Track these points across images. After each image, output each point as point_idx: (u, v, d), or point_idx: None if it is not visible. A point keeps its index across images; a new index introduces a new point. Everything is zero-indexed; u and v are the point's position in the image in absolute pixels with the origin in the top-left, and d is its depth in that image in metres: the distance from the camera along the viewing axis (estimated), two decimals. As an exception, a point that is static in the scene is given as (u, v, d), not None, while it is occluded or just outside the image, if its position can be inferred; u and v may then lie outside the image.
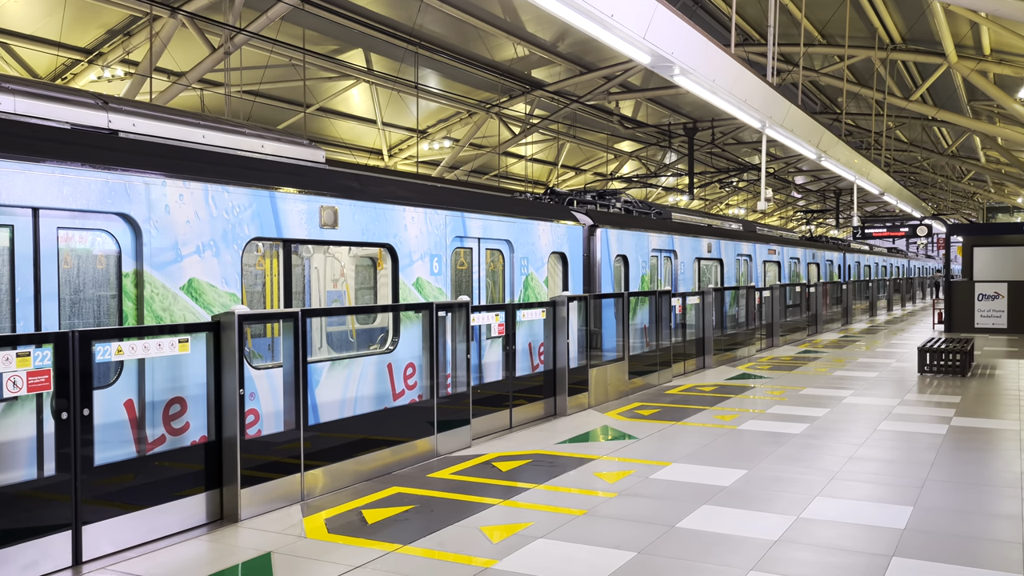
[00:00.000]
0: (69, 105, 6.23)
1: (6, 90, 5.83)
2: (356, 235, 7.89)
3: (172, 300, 6.16)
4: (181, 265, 6.23)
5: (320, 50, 19.20)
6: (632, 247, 13.49)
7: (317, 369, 7.17)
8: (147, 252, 5.99)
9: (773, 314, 18.47)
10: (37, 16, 15.95)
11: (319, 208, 7.43)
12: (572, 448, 8.06)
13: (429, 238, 8.84)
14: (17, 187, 5.24)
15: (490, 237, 9.95)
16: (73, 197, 5.53)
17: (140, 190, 5.93)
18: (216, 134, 7.20)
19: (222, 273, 6.52)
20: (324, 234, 7.51)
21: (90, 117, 6.32)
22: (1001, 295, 21.57)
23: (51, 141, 5.55)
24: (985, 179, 41.16)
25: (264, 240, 6.97)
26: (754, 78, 10.66)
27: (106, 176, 5.71)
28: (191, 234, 6.28)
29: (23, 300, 5.34)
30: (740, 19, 19.67)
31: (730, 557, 5.05)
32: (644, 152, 35.23)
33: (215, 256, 6.47)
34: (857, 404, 10.54)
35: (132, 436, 5.74)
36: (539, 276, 10.93)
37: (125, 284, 5.92)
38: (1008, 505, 6.14)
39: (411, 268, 8.60)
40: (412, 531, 5.53)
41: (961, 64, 18.95)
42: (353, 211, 7.83)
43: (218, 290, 6.51)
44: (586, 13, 6.90)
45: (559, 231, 11.35)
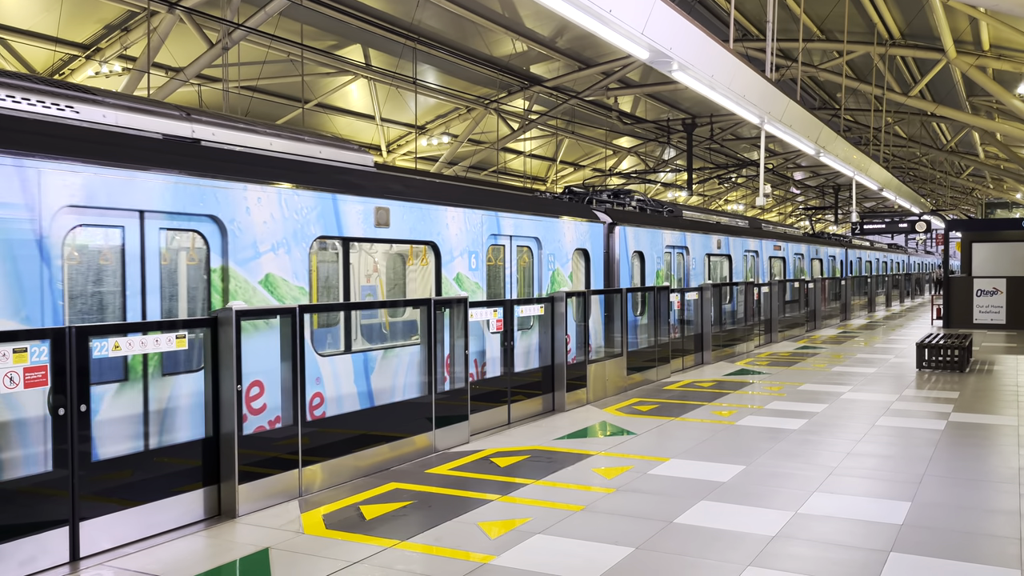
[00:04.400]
0: (157, 116, 6.84)
1: (104, 104, 6.43)
2: (405, 233, 8.49)
3: (252, 293, 6.73)
4: (259, 261, 6.81)
5: (318, 45, 19.16)
6: (648, 244, 14.10)
7: (372, 357, 7.67)
8: (231, 250, 6.56)
9: (771, 310, 18.48)
10: (34, 11, 15.91)
11: (374, 209, 8.03)
12: (570, 444, 8.06)
13: (468, 236, 9.42)
14: (127, 193, 5.80)
15: (521, 235, 10.53)
16: (171, 201, 6.10)
17: (225, 194, 6.50)
18: (281, 141, 7.88)
19: (293, 268, 7.11)
20: (378, 232, 8.14)
21: (177, 128, 6.95)
22: (1000, 291, 21.58)
23: (151, 151, 6.11)
24: (984, 175, 41.15)
25: (328, 238, 7.55)
26: (753, 74, 10.64)
27: (198, 182, 6.29)
28: (267, 233, 6.87)
29: (132, 293, 5.93)
30: (739, 14, 19.65)
31: (728, 553, 5.06)
32: (643, 148, 35.20)
33: (287, 253, 7.06)
34: (855, 400, 10.55)
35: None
36: (564, 271, 11.49)
37: (213, 279, 6.49)
38: (1005, 501, 6.15)
39: (452, 264, 9.17)
40: (410, 527, 5.53)
41: (960, 60, 18.93)
42: (403, 211, 8.43)
43: (289, 284, 7.08)
44: (585, 8, 6.88)
45: (582, 229, 11.97)
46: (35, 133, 5.40)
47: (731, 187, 44.13)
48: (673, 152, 35.70)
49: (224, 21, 15.49)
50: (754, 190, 43.50)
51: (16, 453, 4.98)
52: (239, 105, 20.92)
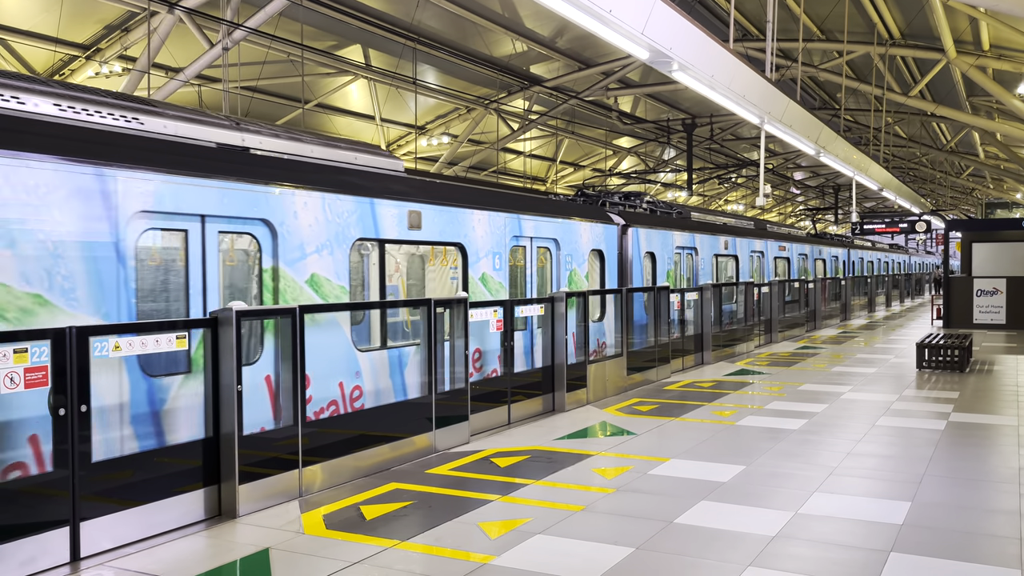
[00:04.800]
0: (211, 127, 7.31)
1: (165, 115, 6.91)
2: (435, 235, 8.97)
3: (299, 292, 7.18)
4: (305, 262, 7.26)
5: (318, 46, 19.16)
6: (659, 245, 14.54)
7: (406, 352, 8.10)
8: (281, 251, 7.02)
9: (772, 310, 18.48)
10: (35, 12, 15.91)
11: (407, 212, 8.49)
12: (570, 444, 8.06)
13: (492, 237, 9.90)
14: (190, 199, 6.26)
15: (541, 236, 11.00)
16: (228, 206, 6.56)
17: (275, 199, 6.97)
18: (320, 148, 8.33)
19: (335, 268, 7.56)
20: (410, 234, 8.61)
21: (228, 137, 7.42)
22: (1000, 291, 21.58)
23: (209, 159, 6.56)
24: (984, 175, 41.15)
25: (366, 240, 8.04)
26: (753, 74, 10.65)
27: (252, 188, 6.75)
28: (312, 235, 7.32)
29: (195, 292, 6.40)
30: (739, 14, 19.65)
31: (728, 553, 5.06)
32: (643, 148, 35.20)
33: (330, 254, 7.52)
34: (855, 400, 10.55)
35: None
36: (581, 271, 11.93)
37: (265, 278, 6.95)
38: (1005, 500, 6.15)
39: (478, 264, 9.66)
40: (410, 527, 5.53)
41: (960, 60, 18.93)
42: (433, 214, 8.91)
43: (332, 283, 7.52)
44: (585, 8, 6.88)
45: (597, 230, 12.41)
46: (111, 144, 5.85)
47: (731, 187, 44.13)
48: (673, 152, 35.71)
49: (224, 21, 15.50)
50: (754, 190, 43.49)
51: (19, 453, 4.99)
52: (239, 105, 20.91)
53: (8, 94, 5.91)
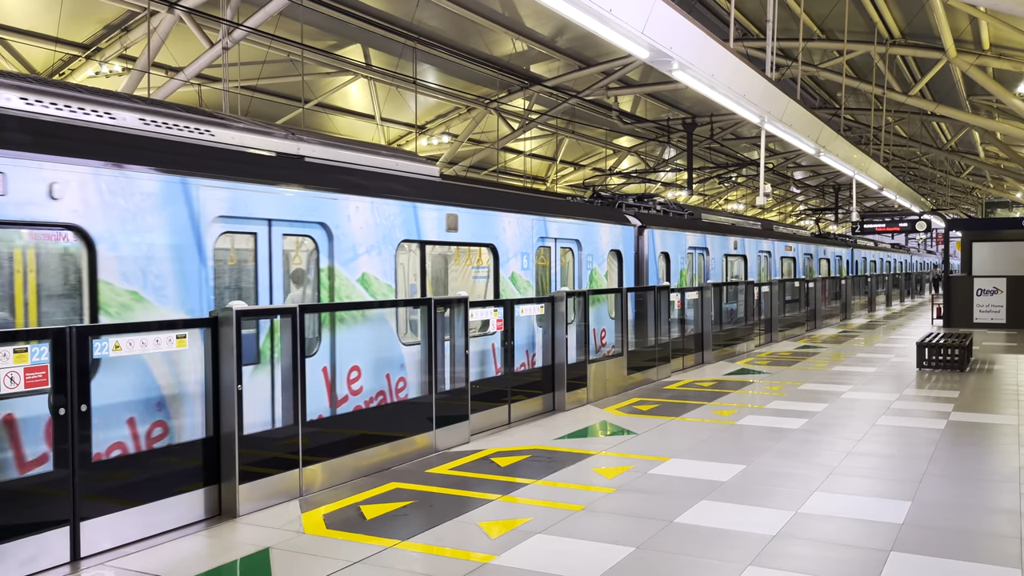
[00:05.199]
0: (270, 137, 7.87)
1: (230, 127, 7.49)
2: (470, 237, 9.54)
3: (352, 290, 7.72)
4: (357, 262, 7.83)
5: (318, 45, 19.15)
6: (673, 245, 15.17)
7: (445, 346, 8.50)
8: (336, 252, 7.60)
9: (772, 309, 18.48)
10: (34, 11, 15.91)
11: (446, 215, 9.07)
12: (571, 443, 8.06)
13: (520, 239, 10.48)
14: (259, 204, 6.84)
15: (564, 237, 11.59)
16: (291, 210, 7.13)
17: (331, 204, 7.52)
18: (365, 155, 8.86)
19: (383, 268, 8.13)
20: (448, 236, 9.19)
21: (285, 146, 7.99)
22: (1000, 290, 21.57)
23: (273, 168, 7.16)
24: (984, 174, 41.14)
25: (409, 242, 8.61)
26: (753, 73, 10.64)
27: (310, 194, 7.32)
28: (363, 237, 7.89)
29: (263, 289, 6.98)
30: (739, 14, 19.64)
31: (728, 552, 5.06)
32: (643, 147, 35.18)
33: (378, 255, 8.08)
34: (856, 399, 10.55)
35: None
36: (600, 271, 12.52)
37: (322, 277, 7.52)
38: (1006, 500, 6.14)
39: (508, 264, 10.21)
40: (410, 527, 5.53)
41: (960, 59, 18.93)
42: (468, 217, 9.49)
43: (380, 281, 8.07)
44: (585, 8, 6.88)
45: (616, 231, 13.03)
46: (194, 156, 6.47)
47: (731, 187, 44.12)
48: (673, 151, 35.70)
49: (224, 21, 15.49)
50: (754, 190, 43.48)
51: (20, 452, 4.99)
52: (239, 105, 20.91)
53: (101, 110, 6.54)
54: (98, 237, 5.65)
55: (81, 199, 5.57)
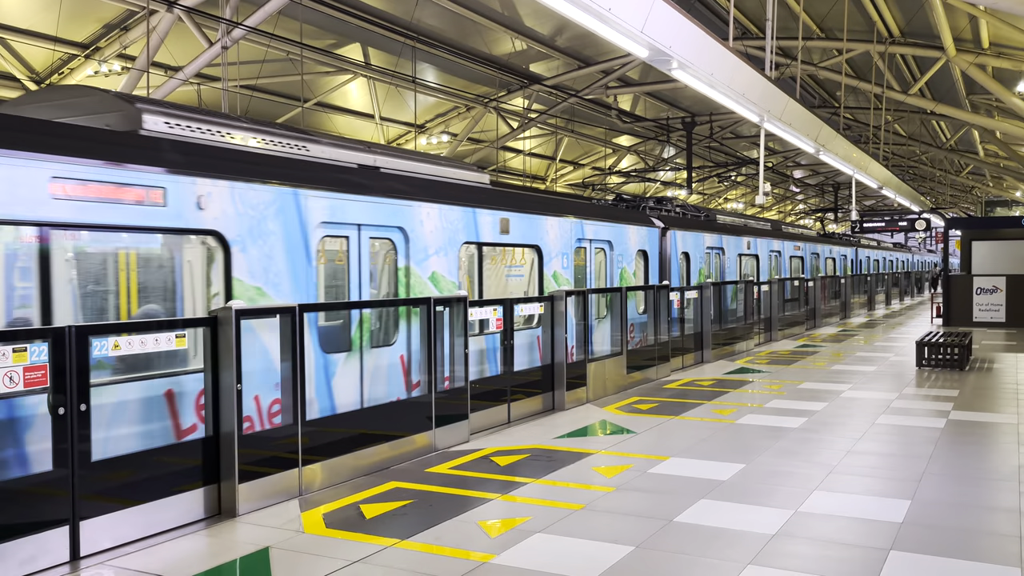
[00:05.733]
0: (351, 151, 8.68)
1: (320, 142, 8.35)
2: (519, 239, 10.46)
3: (424, 286, 8.63)
4: (428, 262, 8.73)
5: (317, 44, 19.14)
6: (692, 245, 16.09)
7: (493, 338, 9.40)
8: (411, 253, 8.51)
9: (771, 308, 18.48)
10: (34, 11, 15.89)
11: (499, 219, 9.98)
12: (570, 443, 8.06)
13: (561, 240, 11.36)
14: (350, 211, 7.72)
15: (598, 239, 12.50)
16: (376, 216, 8.03)
17: (407, 211, 8.43)
18: (427, 165, 9.76)
19: (448, 267, 9.04)
20: (501, 238, 10.08)
21: (364, 159, 8.82)
22: (999, 289, 21.57)
23: (360, 179, 8.06)
24: (983, 173, 41.15)
25: (469, 243, 9.51)
26: (752, 72, 10.64)
27: (391, 201, 8.23)
28: (433, 240, 8.81)
29: (353, 286, 7.88)
30: (738, 13, 19.63)
31: (728, 551, 5.06)
32: (642, 146, 35.17)
33: (445, 255, 9.00)
34: (855, 398, 10.55)
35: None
36: (629, 269, 13.45)
37: (400, 275, 8.45)
38: (1005, 498, 6.15)
39: (551, 263, 11.10)
40: (410, 526, 5.53)
41: (960, 58, 18.92)
42: (517, 221, 10.38)
43: (446, 279, 8.99)
44: (584, 7, 6.88)
45: (642, 233, 13.99)
46: (302, 170, 7.42)
47: (730, 185, 44.11)
48: (673, 150, 35.69)
49: (223, 20, 15.48)
50: (753, 188, 43.47)
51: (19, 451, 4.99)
52: (238, 104, 20.90)
53: (224, 131, 7.40)
54: (232, 241, 6.58)
55: (220, 209, 6.46)
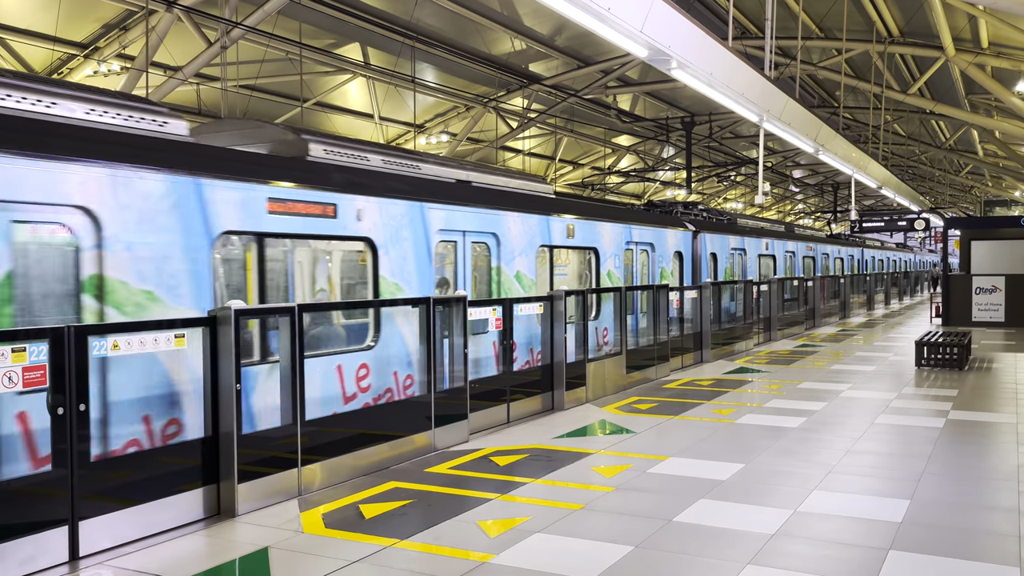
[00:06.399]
0: (447, 167, 10.11)
1: (427, 160, 9.75)
2: (582, 242, 11.99)
3: (511, 284, 10.21)
4: (514, 262, 10.33)
5: (316, 44, 19.14)
6: (719, 246, 17.62)
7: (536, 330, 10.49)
8: (502, 255, 10.10)
9: (771, 308, 18.49)
10: (33, 10, 15.89)
11: (567, 225, 11.58)
12: (570, 442, 8.06)
13: (613, 243, 12.95)
14: (459, 220, 9.32)
15: (643, 241, 14.09)
16: (476, 224, 9.65)
17: (499, 218, 10.06)
18: (504, 178, 11.28)
19: (529, 266, 10.65)
20: (568, 241, 11.65)
21: (459, 174, 10.22)
22: (999, 288, 21.58)
23: (464, 192, 9.65)
24: (983, 173, 41.16)
25: (544, 246, 11.04)
26: (752, 72, 10.64)
27: (487, 211, 9.83)
28: (517, 243, 10.40)
29: (459, 282, 9.46)
30: (737, 12, 19.64)
31: (727, 551, 5.06)
32: (642, 146, 35.17)
33: (526, 256, 10.59)
34: (855, 398, 10.56)
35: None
36: (668, 268, 15.09)
37: (493, 274, 10.02)
38: (1005, 498, 6.15)
39: (605, 263, 12.72)
40: (409, 526, 5.53)
41: (959, 57, 18.92)
42: (580, 226, 11.95)
43: (527, 277, 10.57)
44: (583, 6, 6.88)
45: (678, 235, 15.67)
46: (424, 185, 8.99)
47: (730, 185, 44.11)
48: (672, 150, 35.69)
49: (222, 20, 15.48)
50: (753, 188, 43.44)
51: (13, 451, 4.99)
52: (238, 104, 20.90)
53: (360, 155, 8.66)
54: (380, 246, 8.06)
55: (372, 220, 7.97)
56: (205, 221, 6.34)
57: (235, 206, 6.55)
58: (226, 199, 6.49)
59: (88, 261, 5.60)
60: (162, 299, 6.02)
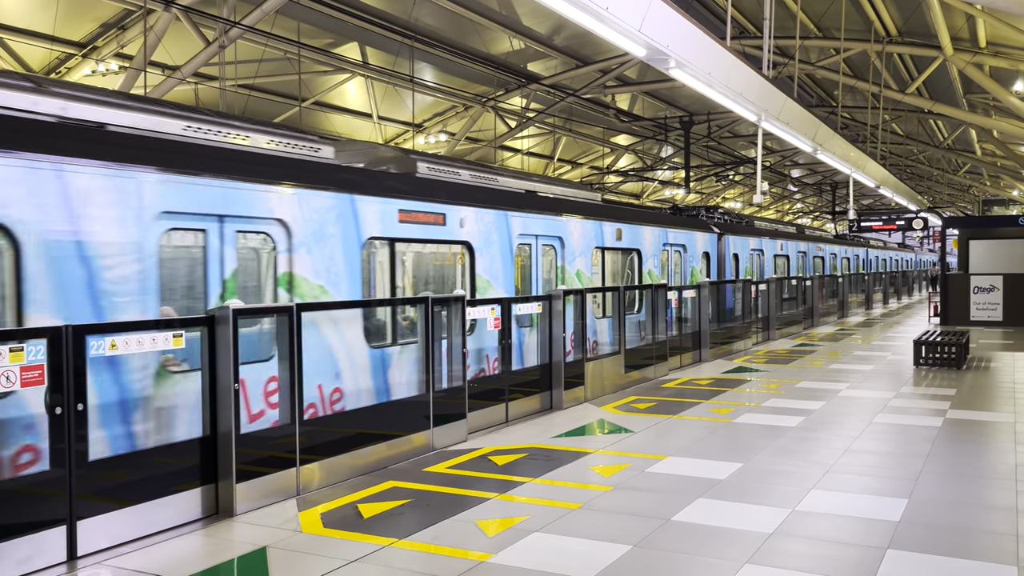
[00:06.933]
0: (517, 179, 11.79)
1: (502, 174, 11.41)
2: (627, 244, 13.52)
3: (572, 280, 11.65)
4: (575, 262, 11.82)
5: (315, 43, 19.12)
6: (740, 247, 19.15)
7: (596, 322, 12.06)
8: (565, 255, 11.62)
9: (769, 307, 18.50)
10: (31, 10, 15.86)
11: (616, 229, 13.07)
12: (568, 442, 8.06)
13: (653, 244, 14.54)
14: (533, 225, 10.89)
15: (676, 243, 15.67)
16: (547, 228, 11.20)
17: (564, 224, 11.59)
18: (562, 188, 12.92)
19: (586, 266, 12.10)
20: (616, 244, 13.09)
21: (527, 184, 11.93)
22: (996, 288, 21.60)
23: (534, 201, 11.20)
24: (981, 172, 41.17)
25: (599, 248, 12.56)
26: (750, 71, 10.64)
27: (554, 217, 11.38)
28: (577, 245, 11.91)
29: (534, 279, 11.08)
30: (736, 12, 19.63)
31: (726, 550, 5.06)
32: (640, 146, 35.16)
33: (584, 257, 12.05)
34: (853, 397, 10.56)
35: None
36: (699, 268, 16.76)
37: (557, 272, 11.52)
38: (1002, 497, 6.16)
39: (647, 263, 14.23)
40: (408, 525, 5.53)
41: (957, 57, 18.93)
42: (627, 230, 13.49)
43: (586, 276, 12.10)
44: (581, 6, 6.87)
45: (706, 238, 17.31)
46: (509, 197, 10.63)
47: (728, 184, 44.13)
48: (671, 149, 35.68)
49: (221, 19, 15.47)
50: (751, 188, 43.46)
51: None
52: (236, 103, 20.87)
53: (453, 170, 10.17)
54: (476, 249, 9.68)
55: (470, 227, 9.56)
56: (357, 229, 7.88)
57: (377, 217, 8.14)
58: (372, 211, 8.06)
59: (283, 262, 7.07)
60: (329, 292, 7.47)
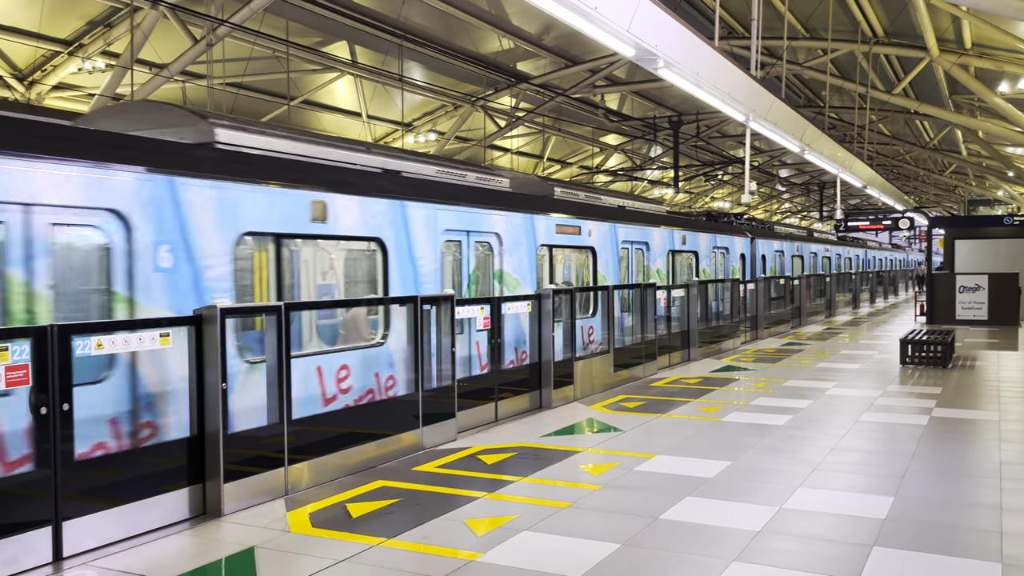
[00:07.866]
0: (607, 196, 13.78)
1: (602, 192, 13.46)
2: (688, 247, 16.10)
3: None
4: (656, 262, 14.34)
5: (304, 42, 19.05)
6: (767, 250, 21.99)
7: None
8: (651, 257, 14.11)
9: (758, 307, 18.57)
10: (16, 7, 15.74)
11: (681, 235, 15.52)
12: (557, 441, 8.08)
13: (707, 247, 17.34)
14: (629, 233, 13.05)
15: (720, 246, 18.33)
16: (639, 236, 13.79)
17: (648, 232, 14.30)
18: (636, 202, 15.39)
19: (663, 265, 14.77)
20: (681, 247, 15.70)
21: (614, 200, 14.24)
22: (982, 287, 21.77)
23: (622, 214, 13.39)
24: (966, 172, 41.44)
25: (671, 251, 15.16)
26: (738, 71, 10.68)
27: (642, 227, 13.98)
28: (657, 248, 14.65)
29: (630, 275, 13.37)
30: (724, 12, 19.70)
31: (713, 548, 5.08)
32: (629, 145, 35.23)
33: (662, 257, 14.82)
34: (840, 396, 10.62)
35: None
36: (736, 268, 19.42)
37: (646, 271, 14.19)
38: (987, 495, 6.21)
39: (702, 263, 16.85)
40: (397, 524, 5.53)
41: (943, 58, 19.06)
42: (689, 236, 16.22)
43: (663, 273, 14.57)
44: (570, 6, 6.88)
45: (741, 241, 19.99)
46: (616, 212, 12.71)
47: (716, 184, 44.26)
48: (659, 149, 35.77)
49: (208, 17, 15.39)
50: (740, 187, 43.58)
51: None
52: (224, 102, 20.78)
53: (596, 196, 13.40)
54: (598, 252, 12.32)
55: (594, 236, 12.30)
56: (534, 238, 10.92)
57: (544, 229, 11.15)
58: (542, 225, 11.09)
59: (497, 262, 10.18)
60: (521, 283, 10.51)
